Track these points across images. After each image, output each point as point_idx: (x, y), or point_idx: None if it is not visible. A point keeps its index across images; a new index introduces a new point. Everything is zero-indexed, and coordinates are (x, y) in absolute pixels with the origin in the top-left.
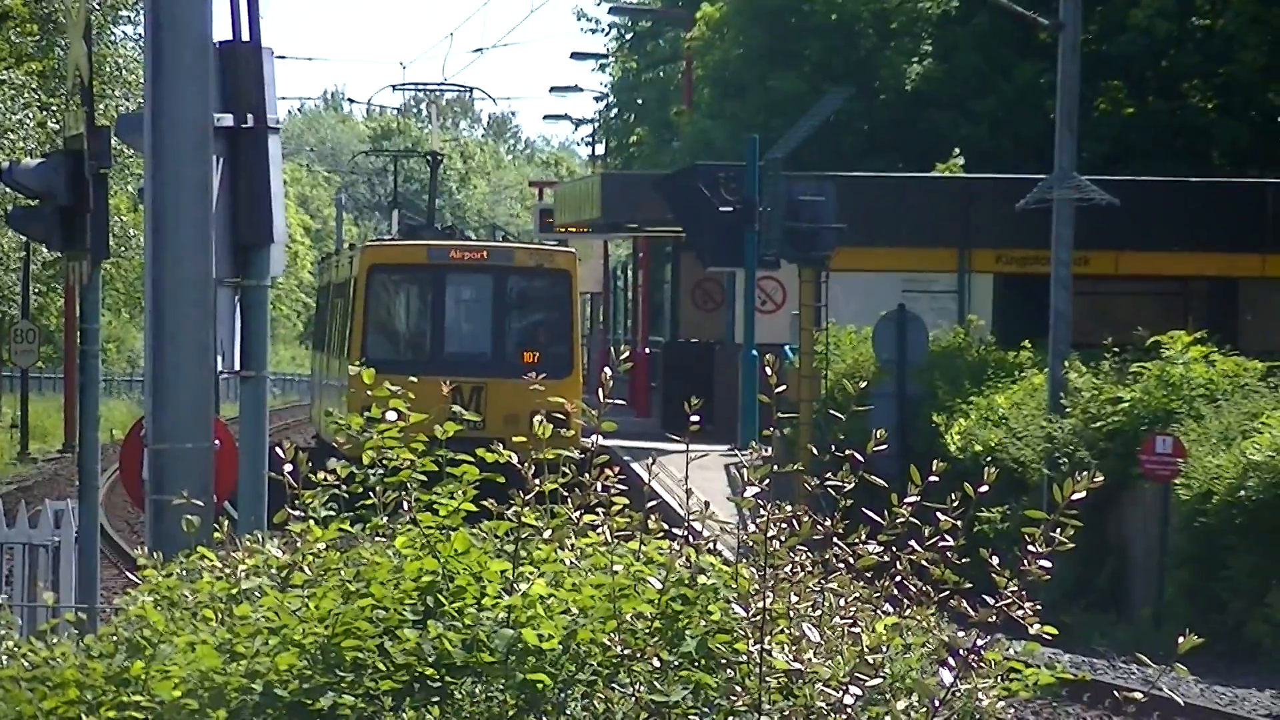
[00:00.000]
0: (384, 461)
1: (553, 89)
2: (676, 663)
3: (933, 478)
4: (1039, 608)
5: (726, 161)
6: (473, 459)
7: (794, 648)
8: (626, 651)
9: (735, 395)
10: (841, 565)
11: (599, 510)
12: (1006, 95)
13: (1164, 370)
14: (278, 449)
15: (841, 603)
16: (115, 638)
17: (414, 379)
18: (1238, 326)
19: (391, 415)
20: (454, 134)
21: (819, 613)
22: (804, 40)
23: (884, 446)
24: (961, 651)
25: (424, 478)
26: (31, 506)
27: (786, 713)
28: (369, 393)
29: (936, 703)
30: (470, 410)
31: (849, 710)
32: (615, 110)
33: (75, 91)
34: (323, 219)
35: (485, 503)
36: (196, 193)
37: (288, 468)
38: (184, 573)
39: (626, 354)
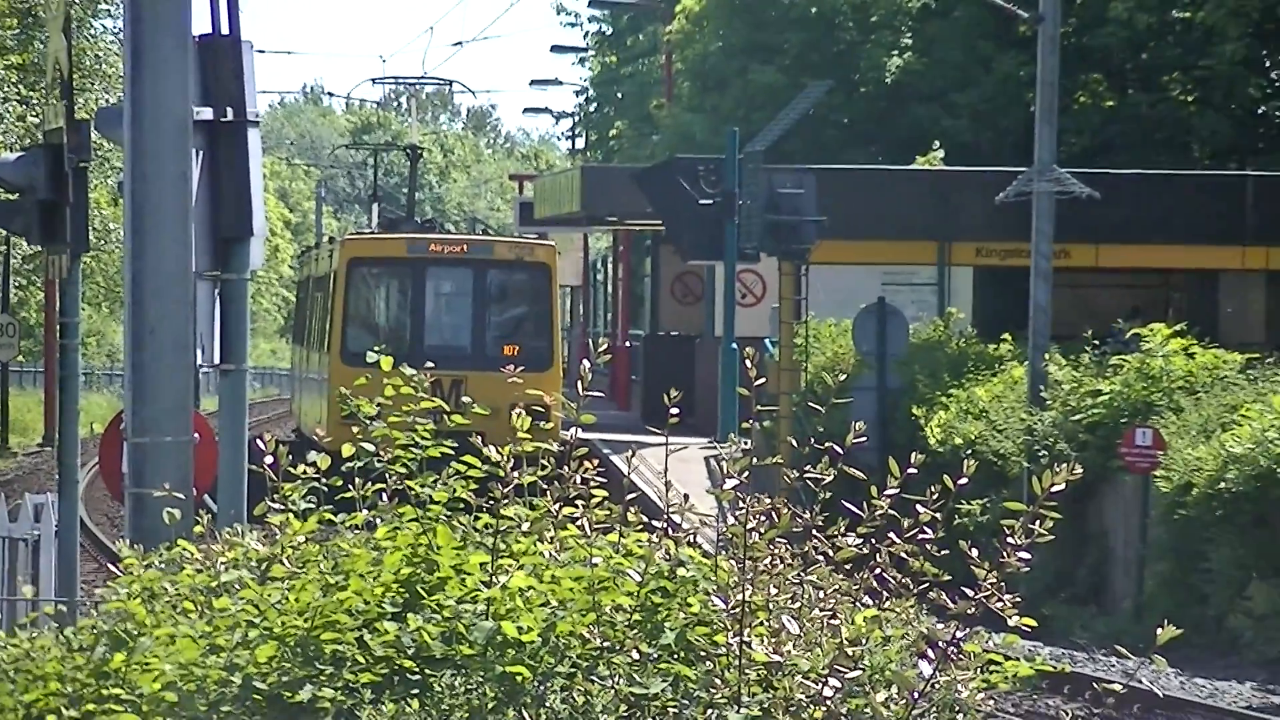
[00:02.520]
0: (373, 453)
1: (533, 82)
2: (656, 655)
3: (912, 470)
4: (1019, 600)
5: (706, 155)
6: (454, 450)
7: (773, 640)
8: (606, 644)
9: (715, 388)
10: (821, 557)
11: (578, 503)
12: (986, 88)
13: (1144, 363)
14: (258, 442)
15: (821, 595)
16: (96, 630)
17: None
18: (1217, 319)
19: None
20: (434, 127)
21: (798, 605)
22: (784, 33)
23: (864, 439)
24: (941, 644)
25: (404, 470)
26: (11, 500)
27: (766, 704)
28: (355, 384)
29: (916, 695)
30: (450, 403)
31: (828, 702)
32: (595, 104)
33: (55, 85)
34: (303, 212)
35: (464, 495)
36: (176, 186)
37: (268, 460)
38: (164, 566)
39: (605, 347)
